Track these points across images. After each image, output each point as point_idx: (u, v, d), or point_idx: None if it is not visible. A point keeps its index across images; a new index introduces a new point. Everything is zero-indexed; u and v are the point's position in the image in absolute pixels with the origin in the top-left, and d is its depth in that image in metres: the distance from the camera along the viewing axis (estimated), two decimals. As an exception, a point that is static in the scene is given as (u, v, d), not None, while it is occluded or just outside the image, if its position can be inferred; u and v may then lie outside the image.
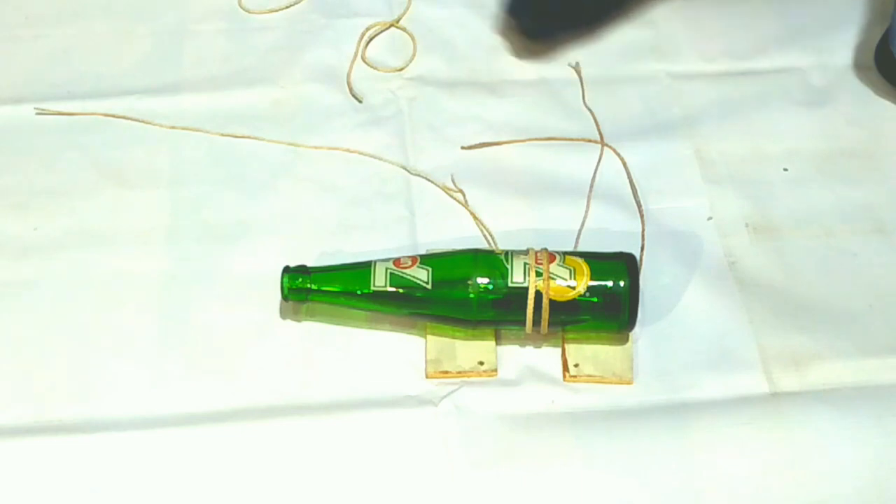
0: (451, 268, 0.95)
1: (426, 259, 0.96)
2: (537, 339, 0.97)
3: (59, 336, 0.98)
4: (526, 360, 0.97)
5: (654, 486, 0.89)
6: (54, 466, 0.90)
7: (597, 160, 1.10)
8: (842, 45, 1.20)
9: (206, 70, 1.19)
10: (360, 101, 1.13)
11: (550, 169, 1.07)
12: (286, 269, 0.97)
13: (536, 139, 1.10)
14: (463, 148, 1.11)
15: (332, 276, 0.97)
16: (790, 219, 1.06)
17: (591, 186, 1.08)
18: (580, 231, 1.05)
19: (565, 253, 0.96)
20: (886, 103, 1.15)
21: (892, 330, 0.98)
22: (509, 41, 1.20)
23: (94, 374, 0.96)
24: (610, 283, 0.94)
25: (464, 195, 1.08)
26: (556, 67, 1.19)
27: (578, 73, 1.18)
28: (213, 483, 0.90)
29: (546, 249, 0.96)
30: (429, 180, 1.09)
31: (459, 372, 0.96)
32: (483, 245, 1.03)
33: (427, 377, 0.95)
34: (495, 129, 1.13)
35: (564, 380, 0.96)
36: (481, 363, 0.96)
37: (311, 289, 0.96)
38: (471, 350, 0.96)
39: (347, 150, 1.11)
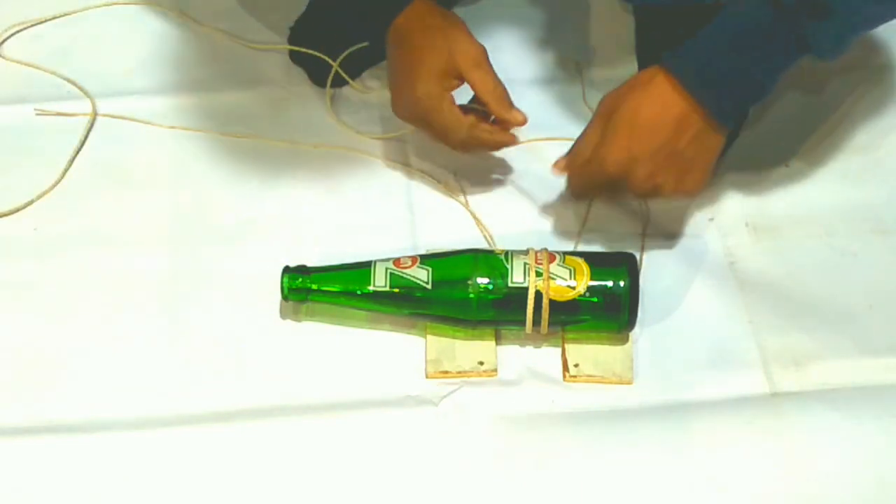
0: (451, 268, 0.96)
1: (426, 259, 0.96)
2: (537, 339, 0.97)
3: (59, 336, 0.98)
4: (526, 360, 0.97)
5: (653, 485, 0.89)
6: (54, 466, 0.90)
7: (597, 160, 1.10)
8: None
9: (205, 70, 1.19)
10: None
11: (550, 169, 1.07)
12: (286, 269, 0.97)
13: (536, 139, 1.10)
14: (463, 148, 1.11)
15: (332, 276, 0.97)
16: (790, 218, 1.06)
17: (592, 186, 1.08)
18: (580, 231, 1.05)
19: (565, 253, 0.96)
20: (887, 102, 1.15)
21: (892, 330, 0.98)
22: (509, 41, 1.20)
23: (94, 374, 0.96)
24: (610, 283, 0.94)
25: (464, 195, 1.08)
26: (555, 67, 1.19)
27: (579, 73, 1.18)
28: (213, 483, 0.90)
29: (546, 249, 0.97)
30: (429, 180, 1.09)
31: (459, 372, 0.96)
32: (483, 245, 1.03)
33: (427, 377, 0.95)
34: (495, 129, 1.13)
35: (564, 380, 0.96)
36: (481, 363, 0.96)
37: (311, 289, 0.96)
38: (471, 350, 0.96)
39: (347, 150, 1.11)
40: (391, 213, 1.07)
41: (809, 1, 0.90)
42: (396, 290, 0.95)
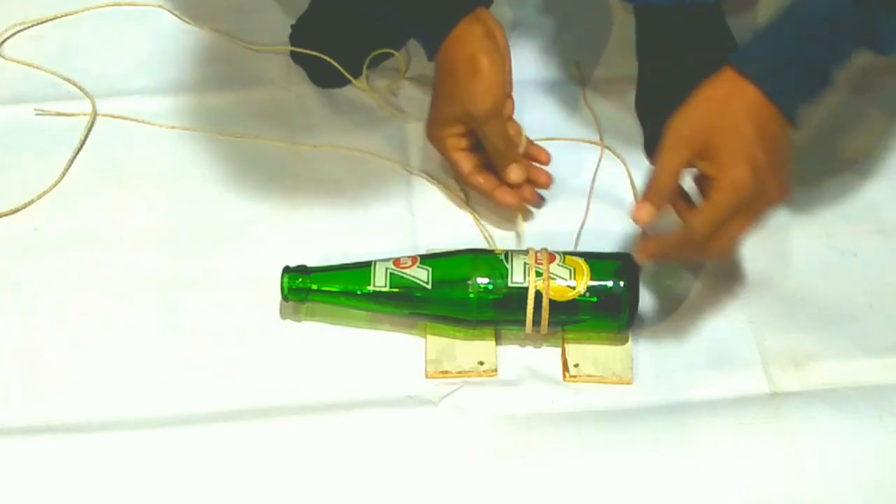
0: (451, 268, 0.96)
1: (426, 259, 0.96)
2: (537, 339, 0.97)
3: (59, 336, 0.98)
4: (526, 360, 0.97)
5: (653, 486, 0.89)
6: (54, 466, 0.90)
7: (597, 160, 1.10)
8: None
9: (205, 70, 1.19)
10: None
11: (550, 169, 1.07)
12: (286, 269, 0.97)
13: (536, 139, 1.10)
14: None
15: (332, 276, 0.97)
16: (790, 218, 1.06)
17: (592, 187, 1.08)
18: (580, 231, 1.05)
19: (565, 253, 0.96)
20: (888, 103, 1.15)
21: (892, 330, 0.98)
22: (509, 41, 1.20)
23: (94, 374, 0.96)
24: (610, 283, 0.94)
25: (464, 195, 1.08)
26: (557, 67, 1.19)
27: (579, 72, 1.18)
28: (213, 483, 0.90)
29: (546, 249, 0.97)
30: (429, 180, 1.09)
31: (459, 372, 0.96)
32: (483, 245, 1.03)
33: (427, 377, 0.96)
34: (495, 129, 1.13)
35: (564, 380, 0.96)
36: (481, 363, 0.96)
37: (311, 289, 0.96)
38: (471, 350, 0.96)
39: (347, 150, 1.11)
40: (391, 213, 1.07)
41: None
42: (396, 290, 0.95)
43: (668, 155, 0.90)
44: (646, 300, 0.97)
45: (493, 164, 1.03)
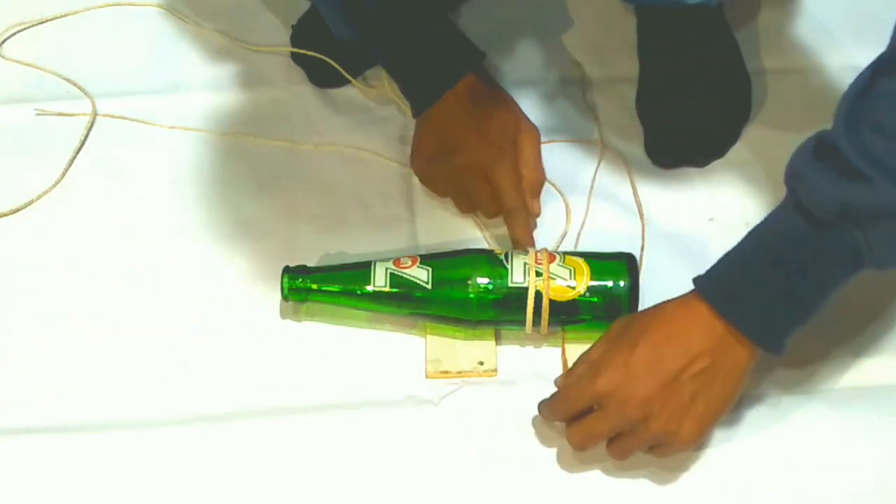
0: (451, 268, 0.96)
1: (426, 259, 0.96)
2: (537, 339, 0.97)
3: (58, 336, 0.98)
4: (526, 360, 0.97)
5: (654, 486, 0.89)
6: (54, 466, 0.90)
7: (597, 160, 1.10)
8: (840, 47, 1.20)
9: (206, 70, 1.19)
10: None
11: (550, 169, 1.07)
12: (286, 269, 0.97)
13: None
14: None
15: (332, 276, 0.97)
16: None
17: (592, 187, 1.08)
18: (580, 231, 1.05)
19: (565, 253, 0.96)
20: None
21: (893, 330, 0.98)
22: (509, 41, 1.20)
23: (94, 374, 0.96)
24: (610, 283, 0.94)
25: (464, 195, 1.08)
26: (557, 67, 1.19)
27: (579, 72, 1.18)
28: (213, 483, 0.90)
29: (546, 249, 0.97)
30: (429, 180, 1.09)
31: (459, 372, 0.96)
32: (483, 245, 1.03)
33: (427, 377, 0.96)
34: (495, 129, 1.13)
35: (564, 380, 0.96)
36: (481, 363, 0.96)
37: (312, 289, 0.96)
38: (471, 350, 0.96)
39: (347, 149, 1.11)
40: (391, 213, 1.07)
41: (851, 212, 0.77)
42: (396, 290, 0.95)
43: (592, 347, 0.89)
44: (646, 300, 0.97)
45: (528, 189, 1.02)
